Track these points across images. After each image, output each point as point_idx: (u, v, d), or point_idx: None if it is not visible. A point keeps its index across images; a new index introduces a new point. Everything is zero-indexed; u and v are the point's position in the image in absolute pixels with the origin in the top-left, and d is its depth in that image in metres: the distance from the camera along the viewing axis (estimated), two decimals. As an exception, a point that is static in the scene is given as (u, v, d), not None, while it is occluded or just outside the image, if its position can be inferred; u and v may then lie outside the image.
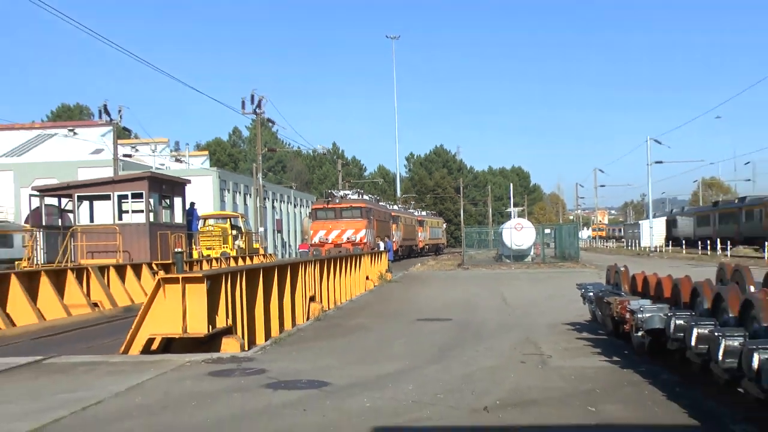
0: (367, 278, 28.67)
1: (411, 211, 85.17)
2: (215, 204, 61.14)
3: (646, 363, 9.72)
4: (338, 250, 43.94)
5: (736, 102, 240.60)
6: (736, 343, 6.57)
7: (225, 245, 41.40)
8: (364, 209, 52.73)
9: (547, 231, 53.32)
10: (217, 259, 34.92)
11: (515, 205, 67.32)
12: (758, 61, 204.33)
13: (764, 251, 49.72)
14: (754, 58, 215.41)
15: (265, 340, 13.77)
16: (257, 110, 52.08)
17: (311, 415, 7.55)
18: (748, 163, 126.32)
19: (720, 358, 6.68)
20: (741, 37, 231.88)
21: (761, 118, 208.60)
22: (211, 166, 76.52)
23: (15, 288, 17.80)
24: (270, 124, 57.94)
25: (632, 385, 8.69)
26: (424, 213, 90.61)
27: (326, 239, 50.29)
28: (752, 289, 9.06)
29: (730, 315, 7.55)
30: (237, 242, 43.07)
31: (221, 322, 12.45)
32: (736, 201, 74.13)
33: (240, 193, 70.45)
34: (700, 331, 7.51)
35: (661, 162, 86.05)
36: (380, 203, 66.49)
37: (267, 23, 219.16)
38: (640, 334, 9.12)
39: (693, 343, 7.53)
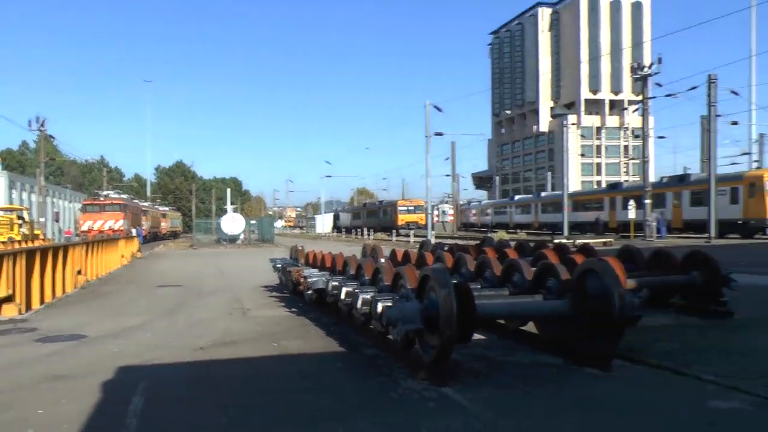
0: (122, 256, 26.52)
1: (157, 207, 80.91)
2: (6, 199, 53.80)
3: (314, 312, 9.78)
4: (102, 235, 40.52)
5: (380, 138, 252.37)
6: (368, 296, 6.77)
7: (11, 231, 36.50)
8: (121, 205, 49.99)
9: (253, 222, 52.87)
10: (4, 242, 30.58)
11: (232, 204, 65.63)
12: (397, 110, 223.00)
13: (392, 235, 53.15)
14: (391, 108, 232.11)
15: (40, 305, 12.12)
16: (41, 128, 46.48)
17: (70, 360, 6.82)
18: (385, 178, 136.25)
19: (359, 306, 6.85)
20: (382, 96, 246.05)
21: (395, 150, 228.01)
22: (3, 170, 66.72)
23: None
24: (52, 138, 51.97)
25: (304, 326, 8.72)
26: (167, 208, 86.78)
27: (93, 227, 46.63)
28: (382, 260, 9.50)
29: (366, 278, 7.79)
30: (22, 229, 38.19)
31: (2, 292, 10.74)
32: (377, 203, 78.06)
33: (26, 191, 62.20)
34: (347, 289, 7.66)
35: (330, 176, 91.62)
36: (134, 201, 63.18)
37: (43, 63, 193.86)
38: (309, 292, 9.14)
39: (342, 297, 7.67)
